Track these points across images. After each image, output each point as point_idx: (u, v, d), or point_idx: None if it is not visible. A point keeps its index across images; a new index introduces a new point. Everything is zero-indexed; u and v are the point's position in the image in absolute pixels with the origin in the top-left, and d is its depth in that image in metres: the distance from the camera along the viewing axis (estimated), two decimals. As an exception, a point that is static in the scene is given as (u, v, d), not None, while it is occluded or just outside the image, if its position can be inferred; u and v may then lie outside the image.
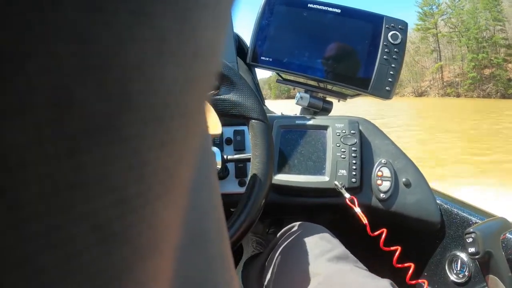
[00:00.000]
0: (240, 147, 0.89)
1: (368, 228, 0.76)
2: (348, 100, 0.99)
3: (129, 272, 0.10)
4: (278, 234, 0.80)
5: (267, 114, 0.68)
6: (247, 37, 1.04)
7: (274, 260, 0.70)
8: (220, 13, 0.12)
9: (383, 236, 0.76)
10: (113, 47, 0.08)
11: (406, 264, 0.74)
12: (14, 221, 0.08)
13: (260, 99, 1.16)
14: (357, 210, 0.78)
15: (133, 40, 0.09)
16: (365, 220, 0.76)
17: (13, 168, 0.07)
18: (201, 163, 0.17)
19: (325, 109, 0.98)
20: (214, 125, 0.52)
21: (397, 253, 0.75)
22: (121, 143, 0.09)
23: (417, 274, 0.89)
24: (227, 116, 0.66)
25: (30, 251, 0.08)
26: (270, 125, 0.66)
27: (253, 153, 0.65)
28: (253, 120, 0.65)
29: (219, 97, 0.66)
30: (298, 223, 0.79)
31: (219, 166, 0.78)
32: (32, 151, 0.08)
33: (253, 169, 0.64)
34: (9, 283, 0.08)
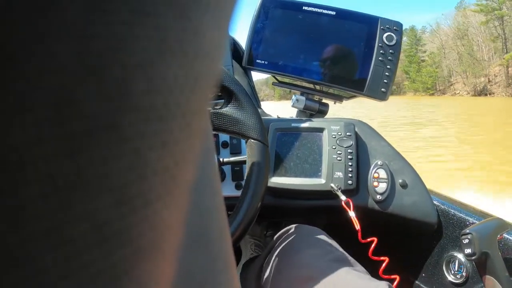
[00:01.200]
0: (236, 150, 0.88)
1: (359, 235, 0.76)
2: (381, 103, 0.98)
3: (130, 272, 0.10)
4: (275, 237, 0.80)
5: (263, 117, 0.68)
6: (242, 40, 1.04)
7: (272, 263, 0.70)
8: (222, 13, 0.12)
9: (373, 245, 0.76)
10: (113, 46, 0.08)
11: (392, 276, 0.74)
12: (15, 221, 0.08)
13: (256, 102, 1.16)
14: (351, 214, 0.78)
15: (134, 40, 0.09)
16: (357, 226, 0.76)
17: (13, 168, 0.08)
18: (203, 163, 0.17)
19: (321, 111, 0.98)
20: None
21: (384, 264, 0.75)
22: (122, 143, 0.09)
23: (414, 275, 0.89)
24: (227, 132, 0.66)
25: (30, 251, 0.08)
26: (268, 146, 0.66)
27: (247, 173, 0.65)
28: (252, 140, 0.65)
29: (221, 111, 0.65)
30: (294, 225, 0.79)
31: None
32: (33, 151, 0.08)
33: (244, 189, 0.63)
34: (9, 283, 0.08)
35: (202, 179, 0.17)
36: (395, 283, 0.73)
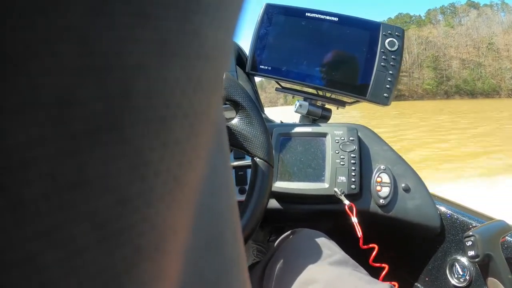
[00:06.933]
0: (240, 155, 0.89)
1: (360, 242, 0.76)
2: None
3: (131, 272, 0.10)
4: (277, 241, 0.80)
5: (266, 123, 0.69)
6: (246, 47, 1.04)
7: (274, 267, 0.70)
8: (224, 14, 0.12)
9: (374, 253, 0.76)
10: (114, 48, 0.09)
11: (392, 282, 0.74)
12: (16, 220, 0.08)
13: (259, 106, 1.17)
14: (354, 220, 0.78)
15: (134, 41, 0.09)
16: (359, 233, 0.76)
17: (15, 167, 0.08)
18: (217, 165, 0.17)
19: (324, 116, 0.99)
20: None
21: (384, 271, 0.75)
22: (122, 143, 0.09)
23: (418, 279, 0.89)
24: (233, 146, 0.65)
25: (31, 250, 0.08)
26: (273, 167, 0.66)
27: (248, 191, 0.64)
28: (258, 159, 0.64)
29: (229, 124, 0.65)
30: (296, 229, 0.79)
31: None
32: (34, 151, 0.08)
33: (243, 206, 0.63)
34: (10, 282, 0.08)
35: (217, 181, 0.17)
36: None
